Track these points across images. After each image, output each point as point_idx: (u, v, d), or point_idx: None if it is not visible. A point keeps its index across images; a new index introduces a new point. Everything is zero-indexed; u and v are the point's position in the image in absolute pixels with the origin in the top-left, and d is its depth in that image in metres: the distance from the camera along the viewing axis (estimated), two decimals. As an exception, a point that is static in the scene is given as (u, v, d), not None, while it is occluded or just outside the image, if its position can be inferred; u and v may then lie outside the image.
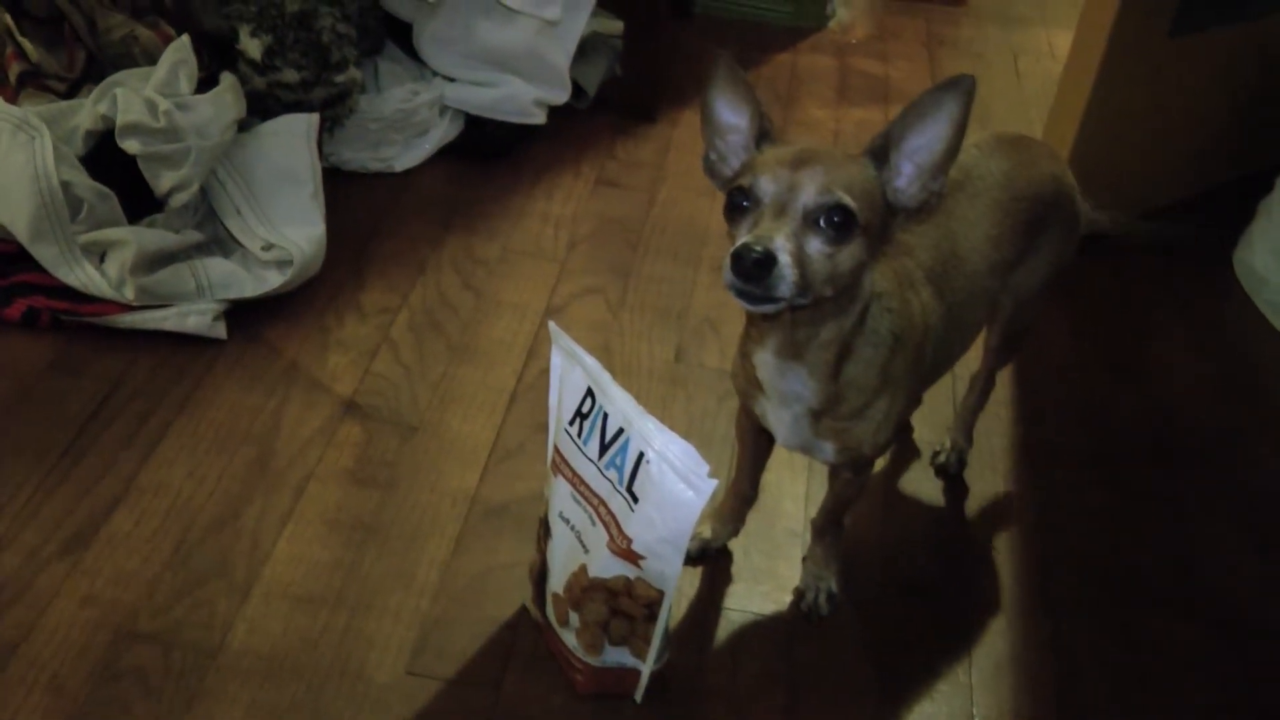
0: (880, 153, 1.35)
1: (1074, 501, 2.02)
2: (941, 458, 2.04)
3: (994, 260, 1.65)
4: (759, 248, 1.23)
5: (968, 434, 2.05)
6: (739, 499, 1.84)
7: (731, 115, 1.40)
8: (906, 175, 1.35)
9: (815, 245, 1.28)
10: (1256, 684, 1.75)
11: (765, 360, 1.47)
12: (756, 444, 1.76)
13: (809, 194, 1.28)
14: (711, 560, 1.84)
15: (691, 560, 1.82)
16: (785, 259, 1.24)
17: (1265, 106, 2.82)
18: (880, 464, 2.00)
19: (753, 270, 1.23)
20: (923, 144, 1.33)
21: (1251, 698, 1.73)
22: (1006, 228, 1.66)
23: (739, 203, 1.32)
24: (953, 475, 2.03)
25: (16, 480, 1.83)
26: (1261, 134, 2.85)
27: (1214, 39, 2.59)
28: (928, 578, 1.85)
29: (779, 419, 1.55)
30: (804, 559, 1.81)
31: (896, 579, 1.83)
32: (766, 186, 1.29)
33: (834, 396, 1.47)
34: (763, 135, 1.39)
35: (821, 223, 1.28)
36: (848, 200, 1.28)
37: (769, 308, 1.29)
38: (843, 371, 1.45)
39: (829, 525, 1.76)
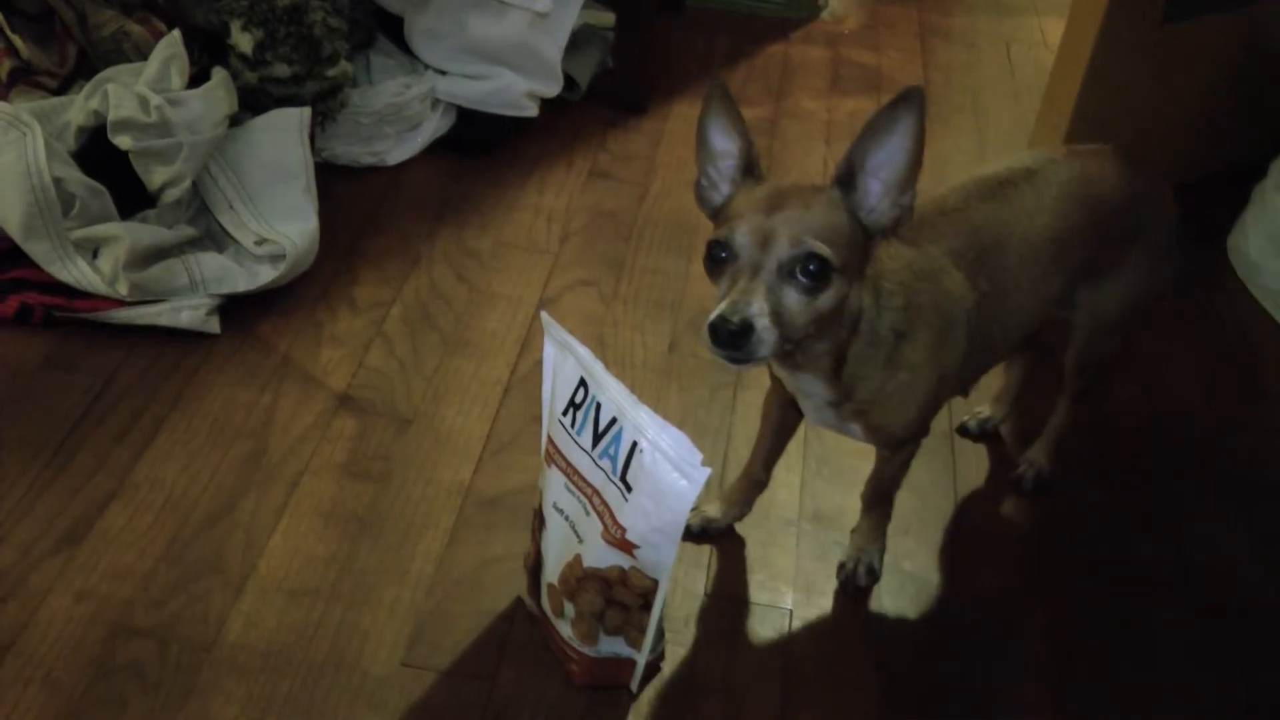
0: (847, 178, 1.38)
1: (1069, 490, 2.02)
2: (1019, 471, 2.02)
3: (1048, 255, 1.64)
4: (735, 319, 1.28)
5: (1050, 453, 2.01)
6: (750, 482, 1.85)
7: (723, 141, 1.44)
8: (875, 193, 1.38)
9: (793, 296, 1.32)
10: (1251, 669, 1.76)
11: (775, 365, 1.52)
12: (782, 422, 1.78)
13: (782, 248, 1.31)
14: (713, 540, 1.85)
15: (693, 537, 1.83)
16: (762, 324, 1.29)
17: (1259, 92, 2.82)
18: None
19: (730, 340, 1.28)
20: (884, 159, 1.35)
21: (1246, 683, 1.74)
22: (1074, 226, 1.66)
23: (718, 255, 1.35)
24: (1027, 491, 2.00)
25: (11, 477, 1.82)
26: (1255, 120, 2.85)
27: (1207, 25, 2.59)
28: (923, 568, 1.85)
29: (804, 406, 1.61)
30: (852, 531, 1.83)
31: (892, 569, 1.83)
32: (742, 240, 1.33)
33: (843, 391, 1.51)
34: (749, 167, 1.42)
35: (798, 274, 1.32)
36: (821, 249, 1.31)
37: (753, 366, 1.36)
38: (843, 373, 1.48)
39: (875, 501, 1.78)
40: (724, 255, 1.34)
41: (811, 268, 1.31)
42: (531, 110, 2.79)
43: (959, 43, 3.56)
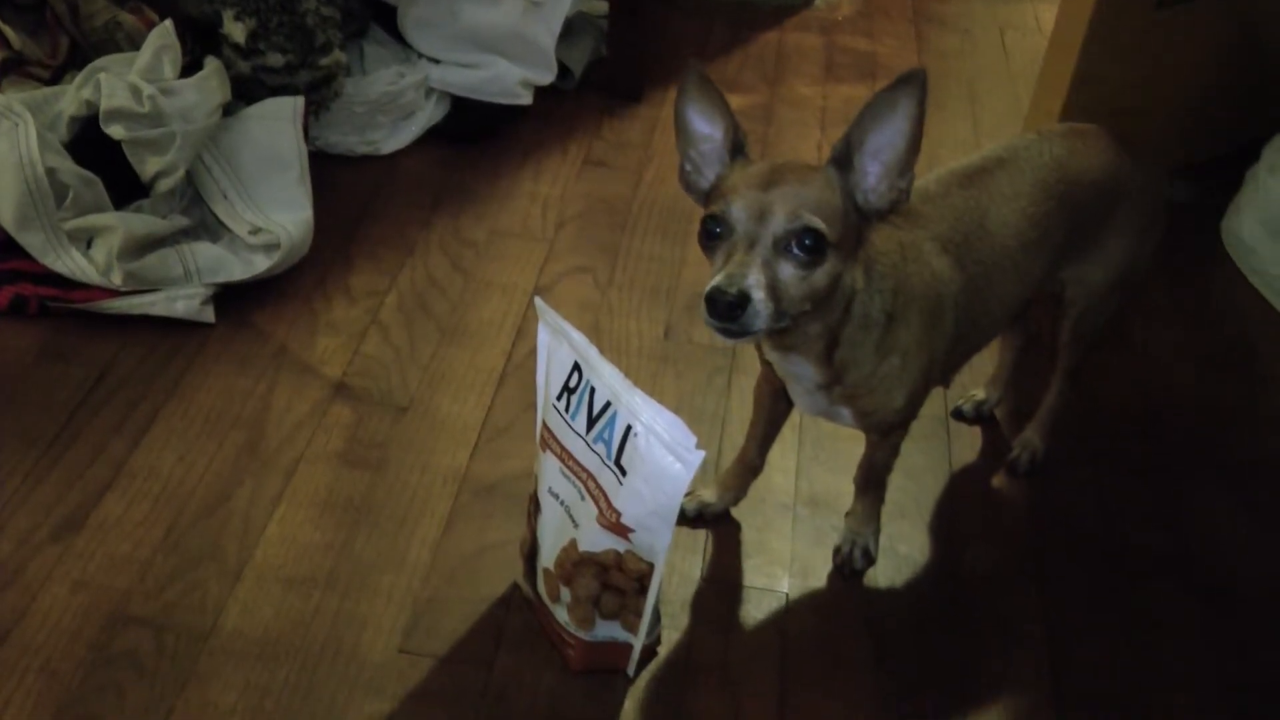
0: (844, 159, 1.38)
1: (1064, 473, 2.02)
2: (1014, 454, 2.02)
3: (1029, 237, 1.65)
4: (732, 289, 1.28)
5: (1044, 434, 2.01)
6: (745, 467, 1.85)
7: (704, 125, 1.44)
8: (874, 174, 1.38)
9: (788, 270, 1.32)
10: (1247, 649, 1.76)
11: (766, 347, 1.53)
12: (773, 409, 1.79)
13: (778, 221, 1.31)
14: (709, 524, 1.85)
15: (689, 521, 1.84)
16: (759, 295, 1.29)
17: (1252, 76, 2.82)
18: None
19: (727, 311, 1.28)
20: (884, 142, 1.35)
21: (1242, 664, 1.74)
22: (1050, 209, 1.66)
23: (713, 230, 1.35)
24: (1022, 475, 2.01)
25: (7, 467, 1.83)
26: (1249, 104, 2.85)
27: (1200, 9, 2.59)
28: (918, 551, 1.86)
29: (794, 391, 1.61)
30: (847, 514, 1.83)
31: (887, 552, 1.83)
32: (738, 214, 1.33)
33: (834, 375, 1.51)
34: (736, 148, 1.42)
35: (793, 248, 1.32)
36: (817, 223, 1.31)
37: (748, 340, 1.35)
38: (835, 356, 1.48)
39: (868, 485, 1.78)
40: (719, 230, 1.34)
41: (807, 242, 1.31)
42: (525, 98, 2.79)
43: (953, 29, 3.56)
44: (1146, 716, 1.66)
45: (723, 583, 1.77)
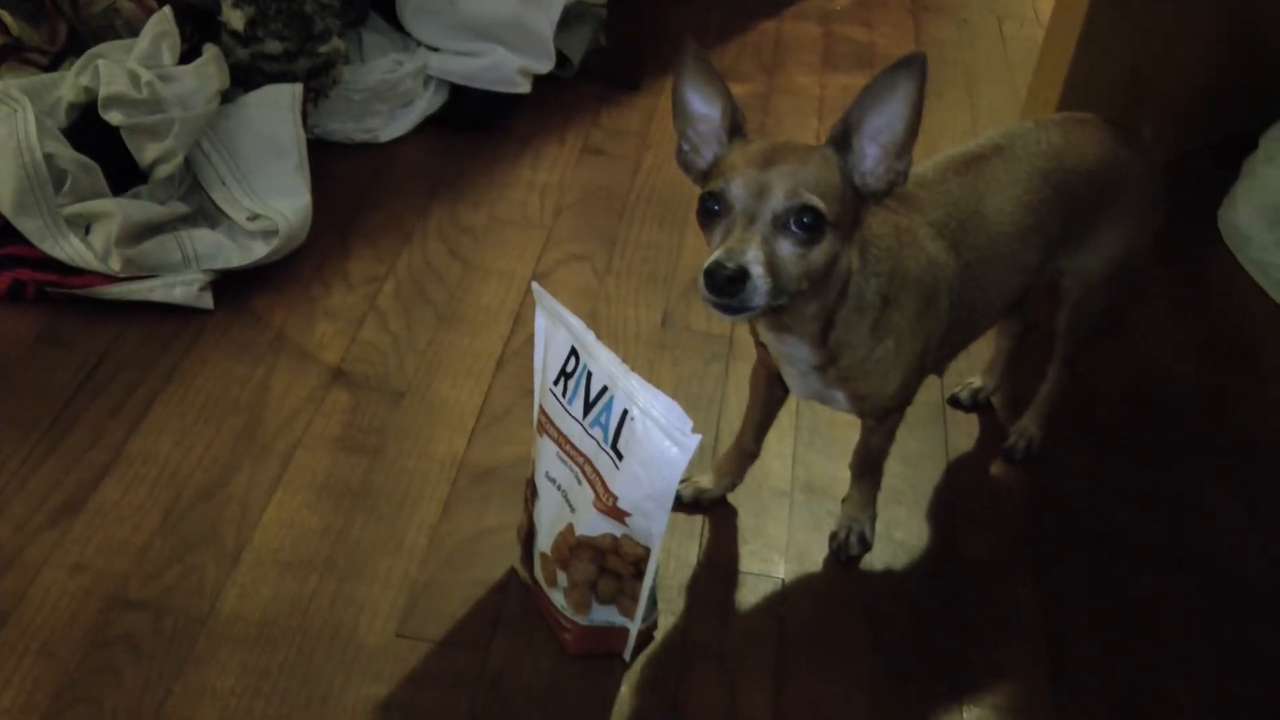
0: (842, 139, 1.39)
1: (1061, 461, 2.03)
2: (1010, 442, 2.03)
3: (1026, 225, 1.66)
4: (731, 264, 1.29)
5: (1041, 422, 2.02)
6: (741, 453, 1.86)
7: (702, 105, 1.44)
8: (872, 157, 1.38)
9: (786, 248, 1.33)
10: (1245, 638, 1.77)
11: (762, 328, 1.53)
12: (769, 395, 1.79)
13: (777, 199, 1.32)
14: (706, 510, 1.86)
15: (685, 507, 1.84)
16: (757, 271, 1.29)
17: (1248, 66, 2.82)
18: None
19: (726, 286, 1.28)
20: (883, 125, 1.36)
21: (1241, 652, 1.75)
22: (1046, 197, 1.67)
23: (711, 207, 1.36)
24: (1019, 462, 2.01)
25: (5, 452, 1.83)
26: (1245, 93, 2.85)
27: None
28: (914, 537, 1.86)
29: (788, 374, 1.62)
30: (843, 500, 1.84)
31: (883, 538, 1.84)
32: (737, 191, 1.33)
33: (829, 356, 1.52)
34: (734, 128, 1.43)
35: (792, 225, 1.33)
36: (815, 201, 1.32)
37: (745, 316, 1.36)
38: (830, 337, 1.49)
39: (864, 471, 1.78)
40: (717, 208, 1.35)
41: (806, 220, 1.32)
42: (524, 87, 2.79)
43: (951, 19, 3.56)
44: (1145, 704, 1.67)
45: (719, 568, 1.78)
